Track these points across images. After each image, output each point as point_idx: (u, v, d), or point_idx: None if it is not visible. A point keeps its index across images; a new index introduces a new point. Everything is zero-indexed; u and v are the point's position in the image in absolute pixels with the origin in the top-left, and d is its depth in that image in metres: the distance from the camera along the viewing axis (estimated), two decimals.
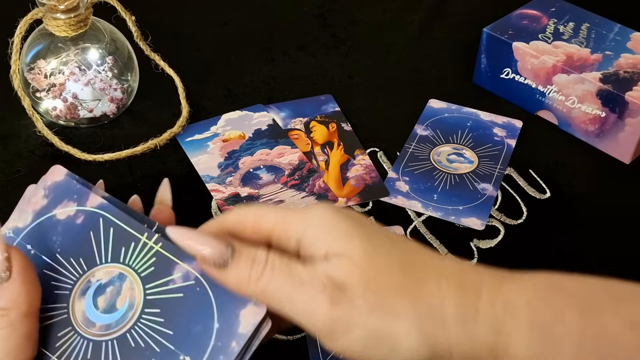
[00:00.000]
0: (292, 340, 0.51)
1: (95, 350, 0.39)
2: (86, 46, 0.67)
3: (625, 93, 0.64)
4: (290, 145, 0.66)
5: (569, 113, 0.69)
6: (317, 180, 0.63)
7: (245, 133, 0.67)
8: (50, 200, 0.44)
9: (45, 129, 0.65)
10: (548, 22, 0.73)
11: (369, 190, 0.63)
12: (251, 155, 0.65)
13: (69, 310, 0.40)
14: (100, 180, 0.47)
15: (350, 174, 0.64)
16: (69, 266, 0.41)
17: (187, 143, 0.66)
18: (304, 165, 0.64)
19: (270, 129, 0.68)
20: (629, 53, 0.69)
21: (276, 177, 0.63)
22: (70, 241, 0.42)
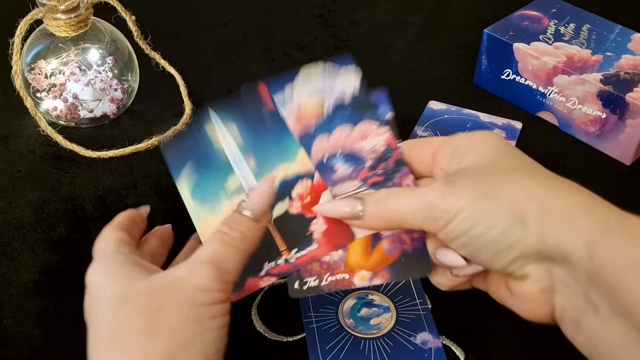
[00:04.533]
0: (292, 341, 0.51)
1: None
2: (86, 46, 0.67)
3: (626, 94, 0.64)
4: (379, 119, 0.49)
5: (569, 114, 0.69)
6: (405, 178, 0.47)
7: (324, 104, 0.50)
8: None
9: (48, 128, 0.65)
10: (549, 23, 0.73)
11: (405, 263, 0.45)
12: (328, 134, 0.49)
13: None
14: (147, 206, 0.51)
15: (384, 231, 0.46)
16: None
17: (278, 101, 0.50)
18: (390, 153, 0.48)
19: (357, 99, 0.50)
20: (630, 54, 0.69)
21: (355, 169, 0.48)
22: None
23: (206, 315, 0.38)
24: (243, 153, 0.49)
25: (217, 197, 0.48)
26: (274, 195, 0.46)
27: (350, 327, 0.52)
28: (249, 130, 0.49)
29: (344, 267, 0.45)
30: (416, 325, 0.52)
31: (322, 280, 0.45)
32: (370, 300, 0.53)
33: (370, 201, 0.43)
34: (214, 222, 0.46)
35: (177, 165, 0.49)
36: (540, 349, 0.52)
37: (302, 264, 0.46)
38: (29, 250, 0.57)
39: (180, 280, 0.38)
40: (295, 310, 0.53)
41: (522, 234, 0.38)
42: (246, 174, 0.48)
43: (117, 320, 0.38)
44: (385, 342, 0.51)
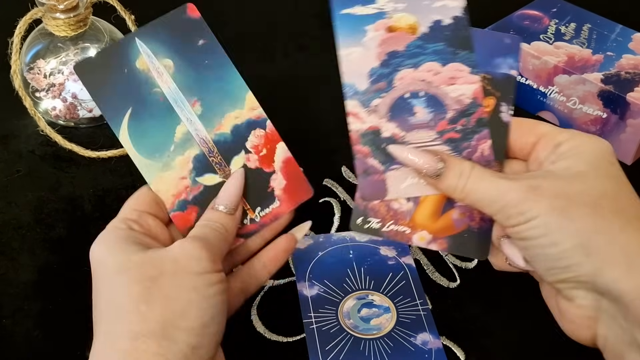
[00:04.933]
0: (292, 342, 0.51)
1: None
2: (86, 46, 0.67)
3: (627, 94, 0.64)
4: (471, 65, 0.45)
5: (570, 114, 0.69)
6: (482, 143, 0.45)
7: (420, 23, 0.45)
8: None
9: (47, 128, 0.65)
10: (549, 23, 0.73)
11: (466, 239, 0.45)
12: (415, 68, 0.45)
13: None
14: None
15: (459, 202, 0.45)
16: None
17: (341, 17, 0.46)
18: (475, 109, 0.45)
19: (455, 25, 0.46)
20: (631, 54, 0.69)
21: (434, 118, 0.45)
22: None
23: (200, 283, 0.39)
24: (185, 95, 0.46)
25: (167, 151, 0.46)
26: (243, 187, 0.46)
27: (350, 327, 0.51)
28: (187, 68, 0.46)
29: (409, 220, 0.45)
30: (416, 325, 0.52)
31: (384, 226, 0.45)
32: (371, 300, 0.53)
33: (452, 169, 0.42)
34: (169, 180, 0.46)
35: (114, 114, 0.46)
36: (540, 349, 0.52)
37: (267, 222, 0.47)
38: (28, 250, 0.57)
39: (175, 251, 0.41)
40: (295, 311, 0.53)
41: (581, 261, 0.39)
42: (193, 119, 0.46)
43: (115, 290, 0.39)
44: (385, 342, 0.50)
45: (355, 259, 0.56)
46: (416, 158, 0.43)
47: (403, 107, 0.45)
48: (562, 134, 0.43)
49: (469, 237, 0.45)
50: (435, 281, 0.56)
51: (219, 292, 0.40)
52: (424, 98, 0.45)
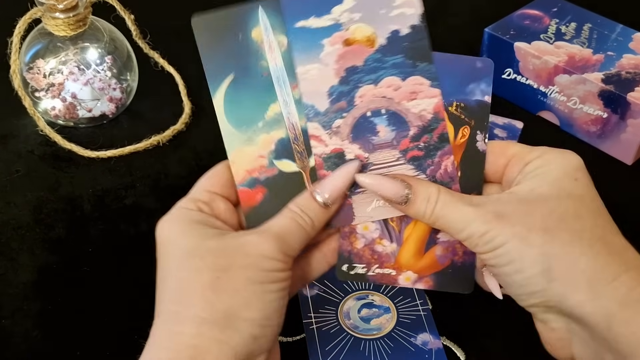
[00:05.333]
0: (292, 342, 0.51)
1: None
2: (85, 45, 0.67)
3: (627, 94, 0.64)
4: (430, 77, 0.44)
5: (570, 114, 0.69)
6: (446, 159, 0.44)
7: (377, 34, 0.44)
8: None
9: (47, 128, 0.65)
10: (550, 23, 0.73)
11: (451, 274, 0.45)
12: (375, 84, 0.44)
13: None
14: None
15: (440, 236, 0.45)
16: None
17: (296, 31, 0.44)
18: (436, 124, 0.44)
19: (413, 35, 0.44)
20: (631, 54, 0.68)
21: (397, 137, 0.44)
22: None
23: (267, 280, 0.40)
24: (288, 77, 0.45)
25: (255, 126, 0.45)
26: (352, 182, 0.43)
27: (351, 327, 0.51)
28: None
29: (394, 262, 0.45)
30: (417, 326, 0.52)
31: (370, 270, 0.45)
32: (371, 301, 0.53)
33: (419, 195, 0.42)
34: (248, 154, 0.44)
35: (216, 77, 0.44)
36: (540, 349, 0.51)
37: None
38: (28, 250, 0.57)
39: (249, 244, 0.40)
40: (295, 311, 0.53)
41: (545, 287, 0.39)
42: (289, 101, 0.45)
43: (185, 273, 0.39)
44: (385, 342, 0.50)
45: None
46: (382, 186, 0.43)
47: (365, 126, 0.44)
48: (532, 153, 0.43)
49: (453, 273, 0.45)
50: None
51: (283, 288, 0.41)
52: (386, 116, 0.44)
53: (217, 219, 0.43)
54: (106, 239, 0.58)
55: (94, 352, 0.50)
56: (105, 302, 0.53)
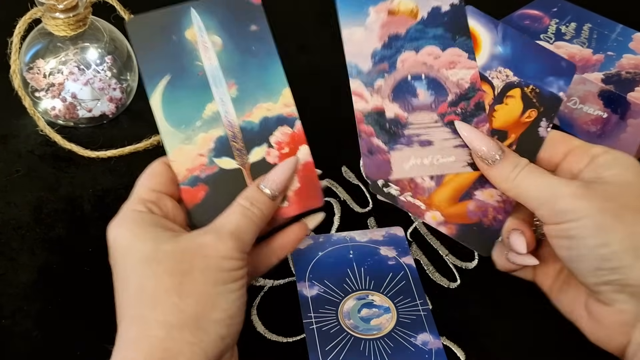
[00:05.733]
0: (292, 342, 0.51)
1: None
2: (85, 46, 0.67)
3: (627, 94, 0.64)
4: (468, 51, 0.47)
5: (570, 114, 0.69)
6: (482, 126, 0.46)
7: (420, 8, 0.47)
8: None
9: (47, 128, 0.65)
10: (550, 23, 0.73)
11: (475, 232, 0.47)
12: (416, 52, 0.46)
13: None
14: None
15: (477, 194, 0.47)
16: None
17: (345, 0, 0.48)
18: (474, 93, 0.47)
19: (453, 12, 0.47)
20: (631, 54, 0.68)
21: (435, 101, 0.46)
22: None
23: (228, 279, 0.41)
24: (224, 76, 0.46)
25: (193, 125, 0.46)
26: (293, 176, 0.46)
27: (351, 327, 0.51)
28: (234, 50, 0.46)
29: (427, 197, 0.46)
30: (417, 326, 0.52)
31: (402, 195, 0.46)
32: (371, 300, 0.53)
33: (509, 159, 0.44)
34: (188, 153, 0.46)
35: (152, 77, 0.45)
36: (540, 350, 0.51)
37: (284, 216, 0.47)
38: (28, 250, 0.57)
39: (207, 246, 0.41)
40: (295, 311, 0.53)
41: (631, 263, 0.39)
42: (225, 100, 0.46)
43: (146, 279, 0.40)
44: (385, 342, 0.50)
45: (355, 259, 0.56)
46: (479, 141, 0.45)
47: (405, 89, 0.46)
48: (596, 148, 0.44)
49: (477, 231, 0.47)
50: (435, 281, 0.56)
51: (243, 285, 0.42)
52: (425, 81, 0.47)
53: (167, 219, 0.43)
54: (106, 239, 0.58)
55: (94, 352, 0.50)
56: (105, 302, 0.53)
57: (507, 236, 0.46)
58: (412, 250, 0.57)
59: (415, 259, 0.57)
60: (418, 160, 0.46)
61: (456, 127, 0.46)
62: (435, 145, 0.46)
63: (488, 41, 0.48)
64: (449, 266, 0.57)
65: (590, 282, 0.42)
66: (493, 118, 0.47)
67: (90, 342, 0.51)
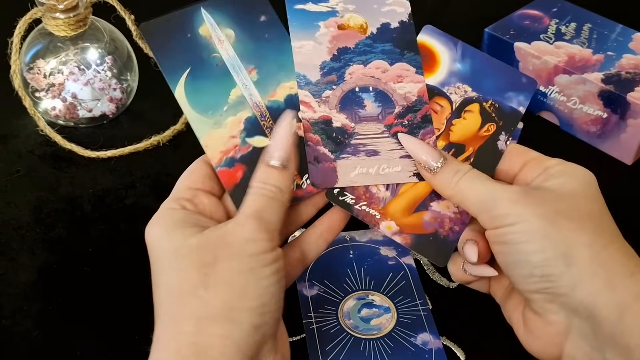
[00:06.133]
0: (292, 342, 0.51)
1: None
2: (85, 46, 0.67)
3: (627, 94, 0.64)
4: (416, 66, 0.48)
5: (570, 114, 0.69)
6: (429, 137, 0.47)
7: (369, 24, 0.48)
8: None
9: (47, 128, 0.65)
10: (550, 23, 0.73)
11: (431, 242, 0.46)
12: (364, 65, 0.47)
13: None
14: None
15: (433, 205, 0.46)
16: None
17: (295, 12, 0.49)
18: (420, 106, 0.47)
19: (402, 29, 0.48)
20: (631, 54, 0.68)
21: (382, 112, 0.47)
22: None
23: (256, 265, 0.39)
24: (242, 63, 0.47)
25: (221, 110, 0.46)
26: (296, 134, 0.45)
27: (351, 327, 0.51)
28: (247, 40, 0.47)
29: (382, 207, 0.46)
30: (417, 326, 0.52)
31: (357, 204, 0.46)
32: (371, 300, 0.53)
33: (450, 166, 0.44)
34: (219, 137, 0.46)
35: (173, 72, 0.46)
36: None
37: (313, 191, 0.46)
38: (28, 250, 0.57)
39: (228, 234, 0.40)
40: (295, 311, 0.53)
41: (562, 271, 0.39)
42: (248, 84, 0.47)
43: (173, 275, 0.40)
44: (385, 342, 0.50)
45: (355, 259, 0.56)
46: (421, 150, 0.45)
47: (353, 100, 0.47)
48: (551, 160, 0.44)
49: (433, 242, 0.46)
50: (435, 281, 0.56)
51: (277, 270, 0.40)
52: (373, 93, 0.48)
53: (202, 215, 0.43)
54: (106, 239, 0.58)
55: (94, 352, 0.50)
56: (105, 302, 0.53)
57: (461, 247, 0.45)
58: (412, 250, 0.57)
59: (415, 259, 0.57)
60: (364, 169, 0.46)
61: (399, 138, 0.46)
62: (382, 155, 0.46)
63: (447, 58, 0.49)
64: None
65: (524, 289, 0.41)
66: (450, 132, 0.47)
67: (91, 342, 0.51)
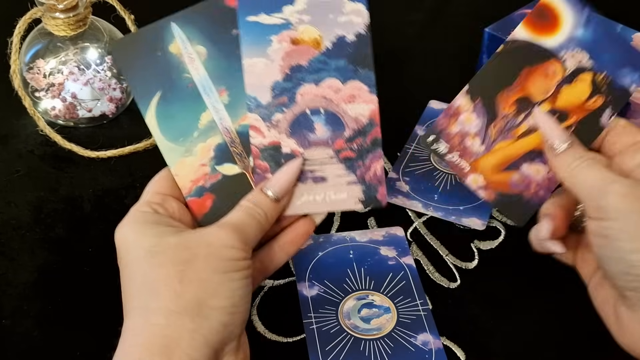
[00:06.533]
0: (292, 342, 0.51)
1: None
2: (85, 45, 0.67)
3: None
4: (369, 84, 0.46)
5: None
6: (376, 162, 0.46)
7: (323, 37, 0.46)
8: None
9: (47, 128, 0.65)
10: None
11: (514, 202, 0.47)
12: (316, 84, 0.46)
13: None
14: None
15: (524, 167, 0.48)
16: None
17: (247, 24, 0.46)
18: (371, 128, 0.46)
19: (358, 42, 0.46)
20: None
21: (332, 136, 0.46)
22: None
23: (230, 268, 0.41)
24: (213, 83, 0.46)
25: (191, 137, 0.46)
26: (296, 177, 0.46)
27: (351, 328, 0.51)
28: (219, 57, 0.46)
29: (473, 161, 0.47)
30: (417, 326, 0.52)
31: (450, 154, 0.47)
32: (371, 301, 0.53)
33: (575, 150, 0.44)
34: (189, 165, 0.46)
35: (144, 96, 0.46)
36: (540, 349, 0.51)
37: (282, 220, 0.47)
38: (28, 250, 0.57)
39: (210, 235, 0.42)
40: (295, 311, 0.53)
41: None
42: (219, 107, 0.46)
43: (150, 269, 0.41)
44: (385, 343, 0.50)
45: (355, 259, 0.56)
46: (553, 128, 0.45)
47: (304, 123, 0.46)
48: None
49: (517, 202, 0.47)
50: (435, 281, 0.56)
51: (247, 276, 0.42)
52: (324, 116, 0.46)
53: (172, 219, 0.44)
54: (106, 239, 0.58)
55: (94, 352, 0.50)
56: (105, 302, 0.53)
57: (540, 218, 0.46)
58: (412, 250, 0.57)
59: (415, 259, 0.57)
60: (310, 197, 0.46)
61: (534, 112, 0.46)
62: (329, 182, 0.46)
63: (570, 21, 0.48)
64: (449, 266, 0.57)
65: (618, 284, 0.41)
66: (558, 97, 0.47)
67: (90, 342, 0.51)
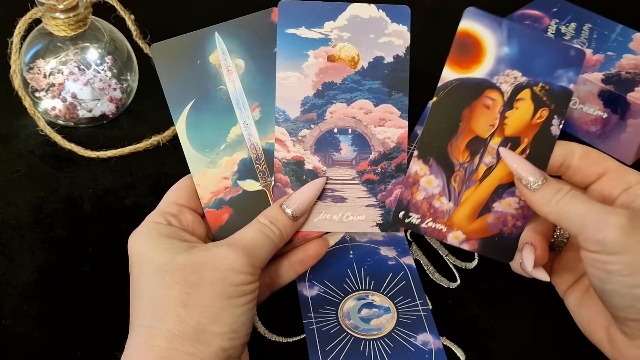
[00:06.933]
0: (292, 342, 0.51)
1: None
2: (85, 46, 0.67)
3: (627, 94, 0.64)
4: (401, 109, 0.46)
5: (570, 114, 0.69)
6: (398, 188, 0.47)
7: (361, 57, 0.46)
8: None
9: (47, 128, 0.65)
10: (550, 23, 0.73)
11: (496, 242, 0.47)
12: (347, 104, 0.46)
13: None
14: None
15: (495, 206, 0.47)
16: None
17: (285, 37, 0.46)
18: (398, 154, 0.47)
19: (395, 64, 0.46)
20: (631, 54, 0.68)
21: (357, 157, 0.46)
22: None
23: (235, 294, 0.41)
24: (247, 99, 0.47)
25: (218, 149, 0.46)
26: (317, 196, 0.46)
27: (351, 328, 0.51)
28: (256, 73, 0.46)
29: (447, 220, 0.47)
30: (417, 326, 0.52)
31: (423, 222, 0.47)
32: (371, 301, 0.53)
33: (551, 185, 0.43)
34: (212, 176, 0.46)
35: (177, 102, 0.46)
36: (540, 349, 0.51)
37: (297, 236, 0.47)
38: (28, 250, 0.57)
39: (218, 258, 0.41)
40: (296, 311, 0.53)
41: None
42: (249, 123, 0.46)
43: (157, 289, 0.41)
44: (385, 343, 0.50)
45: (355, 259, 0.56)
46: (523, 166, 0.45)
47: (330, 141, 0.47)
48: (631, 174, 0.44)
49: (498, 241, 0.47)
50: (435, 281, 0.56)
51: (251, 300, 0.42)
52: (351, 135, 0.46)
53: (186, 231, 0.44)
54: (106, 239, 0.58)
55: (94, 352, 0.50)
56: (105, 302, 0.53)
57: (521, 247, 0.46)
58: (412, 250, 0.57)
59: (415, 259, 0.57)
60: (328, 215, 0.46)
61: (501, 154, 0.46)
62: (348, 203, 0.47)
63: (493, 43, 0.47)
64: (449, 266, 0.57)
65: (619, 315, 0.41)
66: (505, 126, 0.46)
67: (90, 342, 0.51)
